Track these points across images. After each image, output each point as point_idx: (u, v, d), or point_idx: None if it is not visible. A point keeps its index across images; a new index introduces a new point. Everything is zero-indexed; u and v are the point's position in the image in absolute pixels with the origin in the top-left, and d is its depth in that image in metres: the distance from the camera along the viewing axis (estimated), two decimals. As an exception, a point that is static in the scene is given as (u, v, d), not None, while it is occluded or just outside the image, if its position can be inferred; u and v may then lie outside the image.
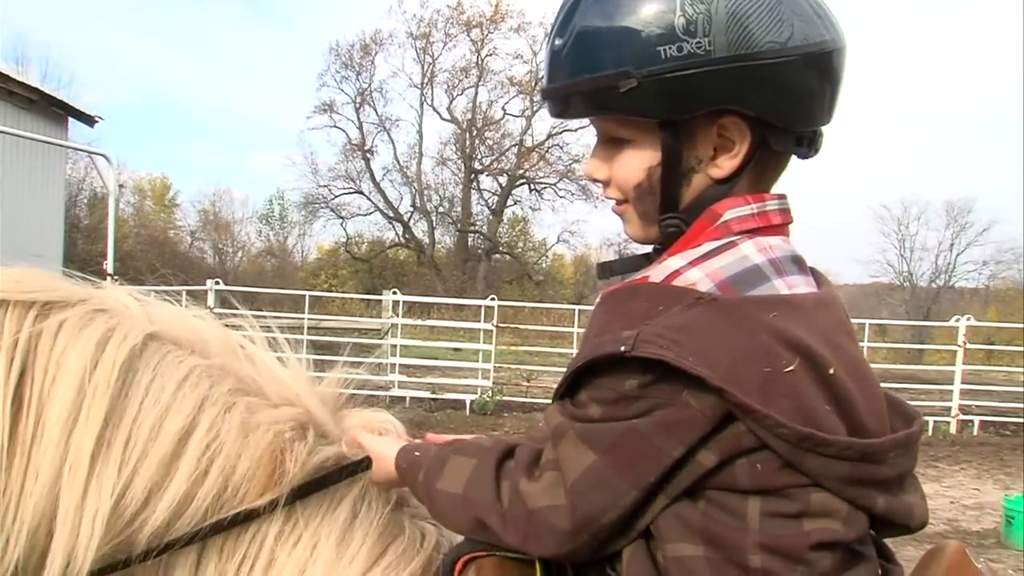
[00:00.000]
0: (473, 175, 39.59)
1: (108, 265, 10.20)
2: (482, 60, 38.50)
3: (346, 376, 1.41)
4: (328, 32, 75.37)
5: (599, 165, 1.12)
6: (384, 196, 39.82)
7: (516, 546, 1.04)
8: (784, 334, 0.94)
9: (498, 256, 41.23)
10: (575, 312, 14.12)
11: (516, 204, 40.75)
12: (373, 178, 39.53)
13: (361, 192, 39.63)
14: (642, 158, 1.07)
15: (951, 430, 11.87)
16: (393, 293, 13.69)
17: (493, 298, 13.29)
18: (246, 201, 57.84)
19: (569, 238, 40.72)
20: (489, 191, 40.61)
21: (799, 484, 0.96)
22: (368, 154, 39.18)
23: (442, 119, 39.85)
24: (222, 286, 12.04)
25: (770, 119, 1.02)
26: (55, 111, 16.00)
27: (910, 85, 64.99)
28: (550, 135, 37.30)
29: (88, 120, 17.26)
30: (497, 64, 38.65)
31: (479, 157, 39.71)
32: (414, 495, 1.22)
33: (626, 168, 1.09)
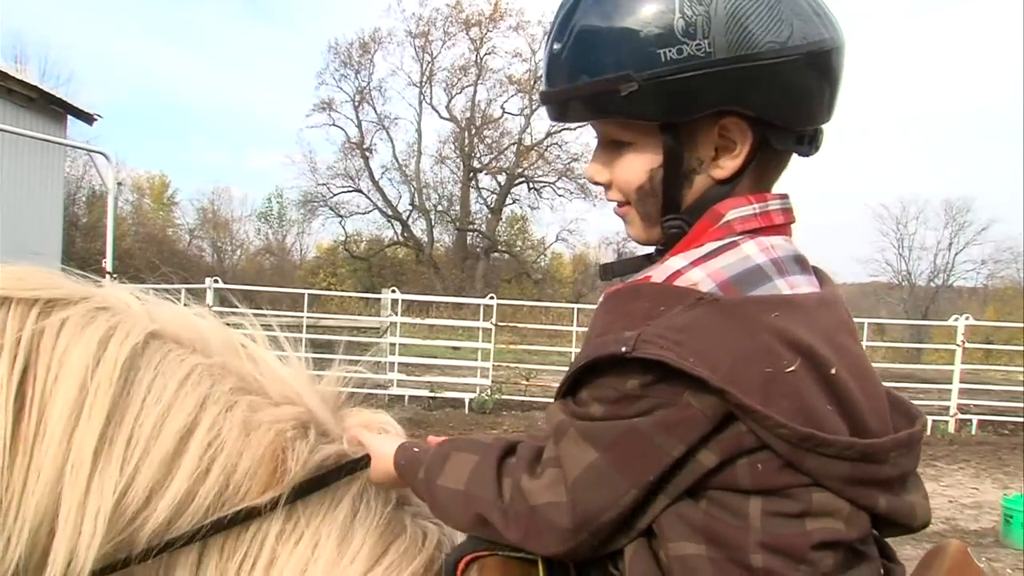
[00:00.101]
0: (472, 173, 39.57)
1: (107, 263, 10.19)
2: (481, 59, 38.52)
3: (346, 375, 1.41)
4: (327, 30, 75.58)
5: (600, 168, 1.12)
6: (383, 194, 39.85)
7: (517, 542, 1.04)
8: (786, 334, 0.94)
9: (497, 255, 41.23)
10: (574, 311, 14.09)
11: (515, 203, 40.81)
12: (372, 176, 39.57)
13: (360, 190, 39.67)
14: (643, 160, 1.07)
15: (949, 429, 11.88)
16: (392, 292, 13.68)
17: (492, 297, 13.30)
18: (245, 199, 58.15)
19: (568, 237, 40.76)
20: (488, 189, 40.67)
21: (800, 484, 0.96)
22: (367, 152, 39.19)
23: (441, 117, 39.92)
24: (221, 284, 12.04)
25: (771, 119, 1.02)
26: (54, 109, 15.97)
27: (909, 85, 65.06)
28: (549, 134, 37.27)
29: (87, 118, 17.23)
30: (496, 63, 38.70)
31: (478, 156, 39.70)
32: (413, 492, 1.22)
33: (628, 171, 1.09)
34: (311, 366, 1.37)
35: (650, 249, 1.15)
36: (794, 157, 1.11)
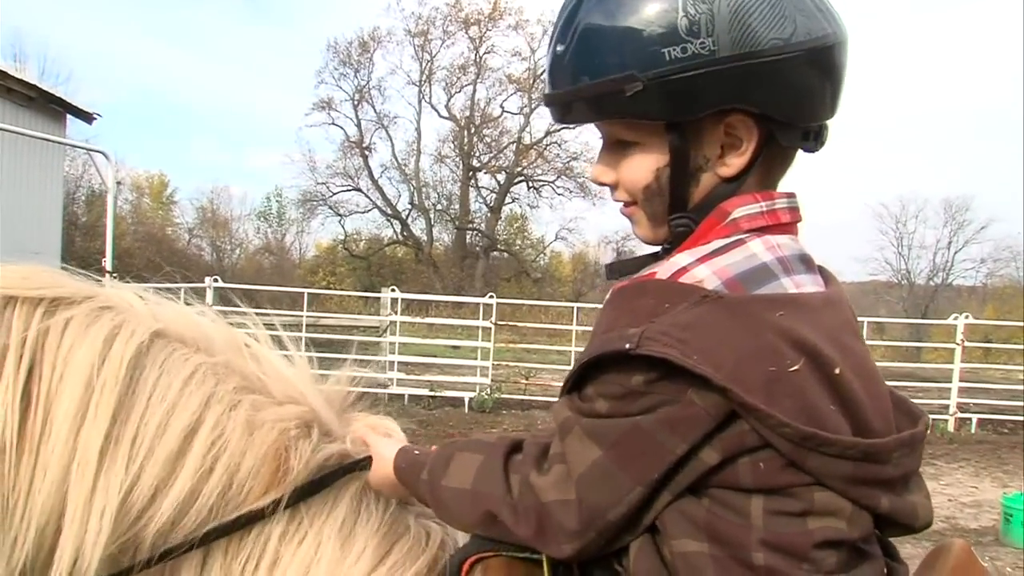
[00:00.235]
0: (471, 172, 39.55)
1: (107, 262, 10.18)
2: (480, 57, 38.51)
3: (346, 374, 1.41)
4: (327, 30, 75.54)
5: (606, 169, 1.12)
6: (382, 193, 39.83)
7: (528, 539, 1.04)
8: (790, 333, 0.94)
9: (496, 253, 41.22)
10: (573, 309, 14.06)
11: (514, 201, 40.81)
12: (371, 175, 39.55)
13: (359, 189, 39.66)
14: (650, 160, 1.07)
15: (949, 428, 11.87)
16: (391, 291, 13.64)
17: (491, 295, 13.28)
18: (244, 198, 58.35)
19: (567, 235, 40.77)
20: (487, 188, 40.67)
21: (803, 483, 0.96)
22: (366, 151, 39.17)
23: (440, 116, 39.91)
24: (220, 283, 12.03)
25: (776, 115, 1.02)
26: (53, 108, 15.92)
27: (909, 84, 65.01)
28: (548, 132, 37.24)
29: (86, 117, 17.18)
30: (495, 61, 38.72)
31: (477, 154, 39.68)
32: (414, 495, 1.22)
33: (634, 171, 1.08)
34: (314, 365, 1.37)
35: (656, 249, 1.14)
36: (798, 154, 1.11)
